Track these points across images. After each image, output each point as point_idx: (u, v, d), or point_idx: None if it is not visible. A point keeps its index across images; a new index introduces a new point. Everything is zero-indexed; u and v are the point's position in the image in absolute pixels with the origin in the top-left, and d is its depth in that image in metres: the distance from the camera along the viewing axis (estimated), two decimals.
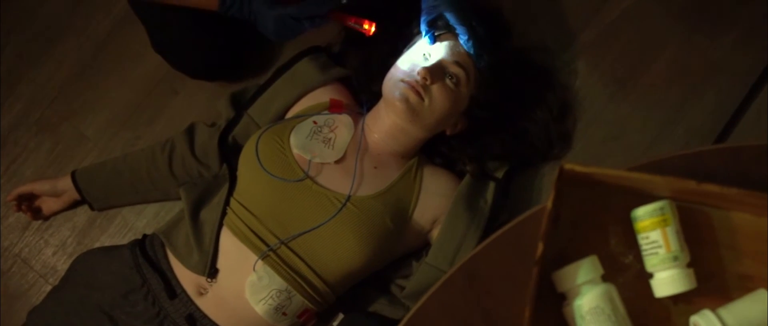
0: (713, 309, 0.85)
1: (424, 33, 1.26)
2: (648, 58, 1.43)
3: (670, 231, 0.84)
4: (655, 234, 0.84)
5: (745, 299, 0.86)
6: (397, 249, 1.31)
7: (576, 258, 0.86)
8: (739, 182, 0.85)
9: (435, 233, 1.32)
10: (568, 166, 0.80)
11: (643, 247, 0.85)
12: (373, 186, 1.28)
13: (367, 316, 1.33)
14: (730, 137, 1.39)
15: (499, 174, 1.36)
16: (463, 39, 1.24)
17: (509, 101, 1.35)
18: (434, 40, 1.26)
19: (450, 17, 1.22)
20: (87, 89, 1.56)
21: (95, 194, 1.44)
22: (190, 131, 1.43)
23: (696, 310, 0.85)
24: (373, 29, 1.28)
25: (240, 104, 1.44)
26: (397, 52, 1.31)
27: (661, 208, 0.84)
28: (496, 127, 1.37)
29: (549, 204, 0.79)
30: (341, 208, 1.24)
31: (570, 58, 1.44)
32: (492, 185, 1.35)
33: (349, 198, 1.24)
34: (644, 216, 0.85)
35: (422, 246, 1.36)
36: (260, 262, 1.23)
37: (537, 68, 1.43)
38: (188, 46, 1.40)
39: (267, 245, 1.23)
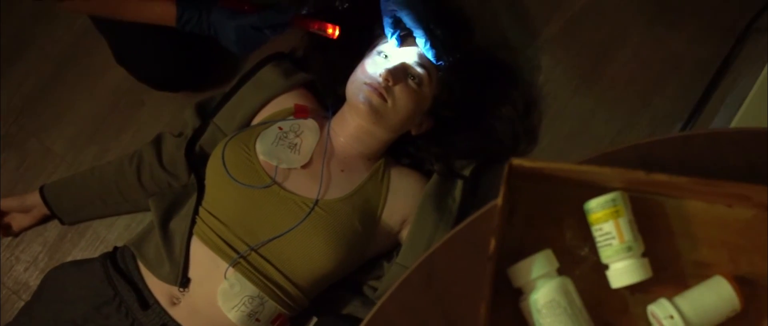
0: (669, 298, 0.85)
1: (389, 36, 1.26)
2: (610, 52, 1.44)
3: (623, 221, 0.84)
4: (608, 226, 0.84)
5: (701, 286, 0.86)
6: (367, 250, 1.32)
7: (532, 253, 0.86)
8: (691, 170, 0.86)
9: (405, 233, 1.32)
10: (516, 162, 0.80)
11: (597, 239, 0.86)
12: (340, 189, 1.28)
13: (340, 319, 1.34)
14: (694, 125, 1.40)
15: (467, 172, 1.37)
16: (419, 41, 1.24)
17: (473, 99, 1.36)
18: (401, 41, 1.26)
19: (406, 19, 1.23)
20: (52, 104, 1.56)
21: (65, 208, 1.44)
22: (158, 142, 1.43)
23: (653, 299, 0.86)
24: (337, 33, 1.28)
25: (206, 113, 1.44)
26: (360, 55, 1.31)
27: (613, 200, 0.84)
28: (461, 125, 1.38)
29: (499, 200, 0.79)
30: (309, 212, 1.24)
31: (533, 54, 1.45)
32: (460, 183, 1.36)
33: (316, 202, 1.25)
34: (596, 208, 0.85)
35: (393, 247, 1.37)
36: (231, 270, 1.23)
37: (500, 65, 1.44)
38: (150, 59, 1.40)
39: (237, 252, 1.24)
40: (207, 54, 1.47)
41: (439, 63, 1.26)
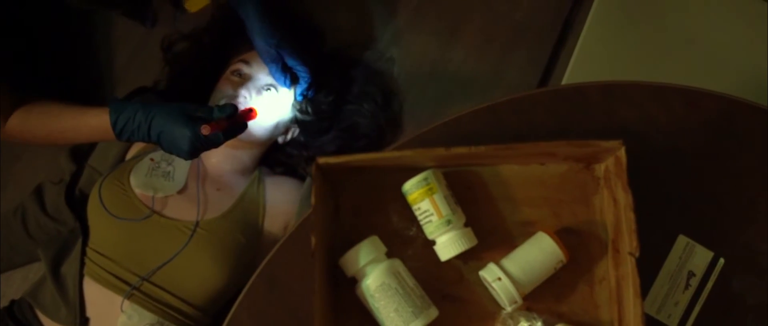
0: (497, 261, 0.90)
1: (281, 81, 1.31)
2: (457, 32, 1.50)
3: (438, 197, 0.89)
4: (425, 204, 0.89)
5: (525, 245, 0.92)
6: (256, 260, 1.35)
7: None
8: (502, 136, 0.91)
9: None
10: (321, 161, 0.84)
11: (419, 218, 0.90)
12: (218, 207, 1.32)
13: None
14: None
15: None
16: (302, 77, 1.32)
17: (333, 101, 1.40)
18: (292, 82, 1.32)
19: (289, 59, 1.30)
20: None
21: None
22: (39, 192, 1.44)
23: (485, 265, 0.91)
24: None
25: (80, 156, 1.46)
26: (216, 78, 1.34)
27: (425, 178, 0.89)
28: (326, 127, 1.42)
29: (313, 199, 0.83)
30: (192, 235, 1.27)
31: (385, 47, 1.51)
32: None
33: (197, 224, 1.28)
34: (412, 188, 0.89)
35: None
36: (126, 302, 1.26)
37: (355, 64, 1.48)
38: None
39: (129, 285, 1.27)
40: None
41: (303, 95, 1.32)
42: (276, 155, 1.43)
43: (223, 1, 1.47)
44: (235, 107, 1.13)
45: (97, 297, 1.28)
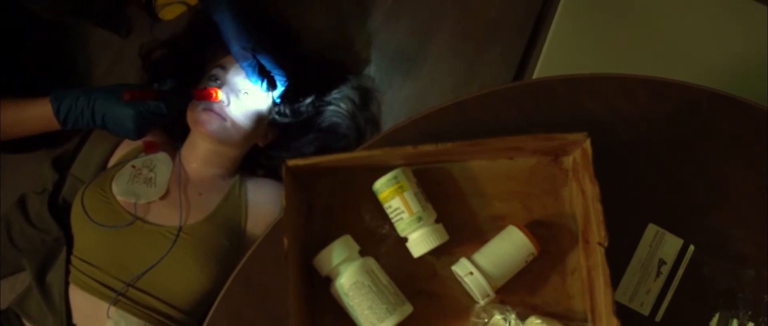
0: (469, 256, 0.91)
1: (257, 84, 1.32)
2: (431, 31, 1.51)
3: (408, 195, 0.90)
4: (395, 202, 0.90)
5: (495, 239, 0.93)
6: (240, 263, 1.35)
7: None
8: (471, 132, 0.92)
9: None
10: (291, 163, 0.85)
11: (391, 216, 0.92)
12: (201, 212, 1.33)
13: None
14: None
15: None
16: (279, 80, 1.33)
17: (311, 103, 1.41)
18: (269, 86, 1.33)
19: (266, 63, 1.30)
20: None
21: None
22: (22, 202, 1.45)
23: (457, 260, 0.92)
24: (220, 96, 1.31)
25: (63, 165, 1.46)
26: (194, 84, 1.35)
27: (395, 177, 0.90)
28: (305, 129, 1.43)
29: (284, 201, 0.84)
30: (175, 240, 1.28)
31: (361, 47, 1.52)
32: None
33: (180, 228, 1.29)
34: (382, 187, 0.91)
35: None
36: (113, 308, 1.27)
37: (332, 66, 1.49)
38: None
39: (114, 291, 1.27)
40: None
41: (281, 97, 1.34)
42: (256, 158, 1.45)
43: (199, 7, 1.49)
44: (176, 83, 1.19)
45: (83, 304, 1.29)
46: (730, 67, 1.27)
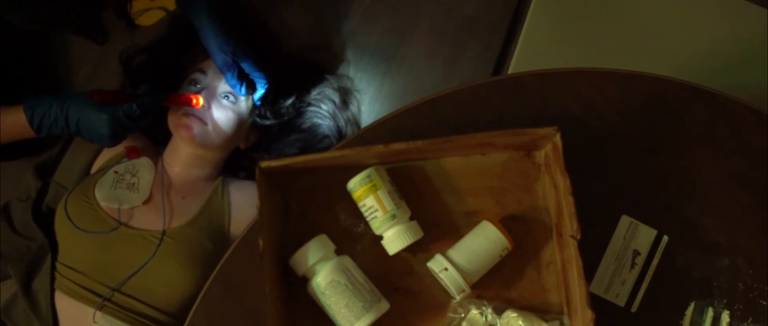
0: (443, 252, 0.92)
1: (238, 90, 1.32)
2: (409, 30, 1.52)
3: (382, 193, 0.91)
4: (369, 201, 0.91)
5: (470, 234, 0.94)
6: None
7: None
8: (440, 129, 0.93)
9: None
10: (264, 165, 0.86)
11: (365, 214, 0.93)
12: (184, 215, 1.34)
13: None
14: None
15: None
16: (258, 84, 1.34)
17: (292, 104, 1.42)
18: (249, 89, 1.34)
19: (248, 68, 1.31)
20: None
21: None
22: (6, 210, 1.45)
23: (433, 256, 0.93)
24: (200, 102, 1.32)
25: (45, 172, 1.47)
26: (175, 88, 1.36)
27: (368, 176, 0.91)
28: (286, 130, 1.44)
29: (258, 202, 0.85)
30: (160, 244, 1.29)
31: (339, 48, 1.53)
32: None
33: (164, 232, 1.30)
34: (356, 186, 0.92)
35: None
36: (99, 313, 1.28)
37: (311, 67, 1.50)
38: None
39: (100, 296, 1.28)
40: None
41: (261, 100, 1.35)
42: (239, 160, 1.45)
43: (178, 12, 1.50)
44: (148, 86, 1.22)
45: (69, 310, 1.30)
46: (703, 60, 1.28)
